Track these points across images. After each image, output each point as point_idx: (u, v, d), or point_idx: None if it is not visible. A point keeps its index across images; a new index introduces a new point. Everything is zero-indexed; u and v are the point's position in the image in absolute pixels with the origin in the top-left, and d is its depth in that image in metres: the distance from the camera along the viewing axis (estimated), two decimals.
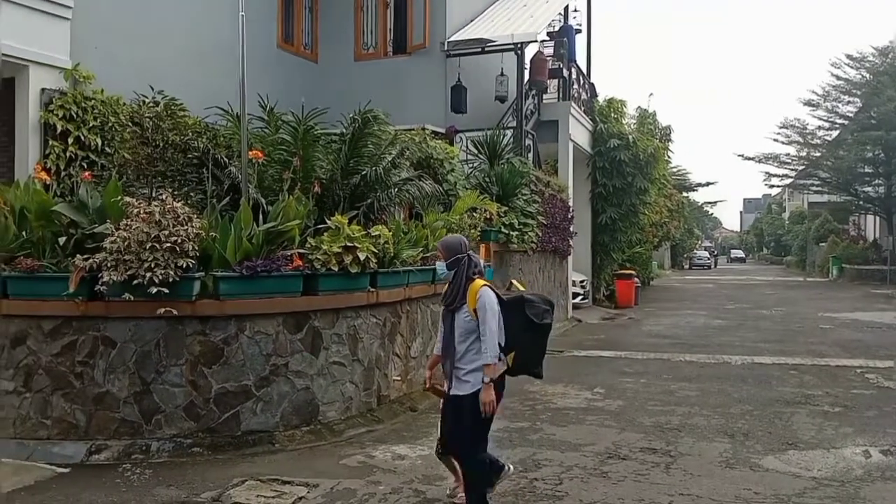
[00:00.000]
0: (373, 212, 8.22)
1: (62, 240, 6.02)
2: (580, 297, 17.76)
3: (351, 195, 8.17)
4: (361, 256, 6.66)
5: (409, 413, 7.25)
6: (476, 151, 12.37)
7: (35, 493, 4.96)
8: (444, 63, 14.19)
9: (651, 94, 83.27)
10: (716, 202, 62.93)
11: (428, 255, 8.24)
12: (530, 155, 14.22)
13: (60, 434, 5.84)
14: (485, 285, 4.28)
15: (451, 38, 14.15)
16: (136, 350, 5.88)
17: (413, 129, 11.00)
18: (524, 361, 4.38)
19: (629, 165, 18.42)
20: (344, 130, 8.35)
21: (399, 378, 7.59)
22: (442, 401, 4.60)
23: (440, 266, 4.49)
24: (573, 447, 6.15)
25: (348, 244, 6.66)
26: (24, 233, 6.23)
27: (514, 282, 4.96)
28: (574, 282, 17.16)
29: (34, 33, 9.12)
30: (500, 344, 4.25)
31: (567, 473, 5.45)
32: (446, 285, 4.47)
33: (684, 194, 33.50)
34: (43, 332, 5.91)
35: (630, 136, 18.65)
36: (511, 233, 10.90)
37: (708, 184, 40.58)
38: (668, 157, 22.70)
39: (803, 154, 37.80)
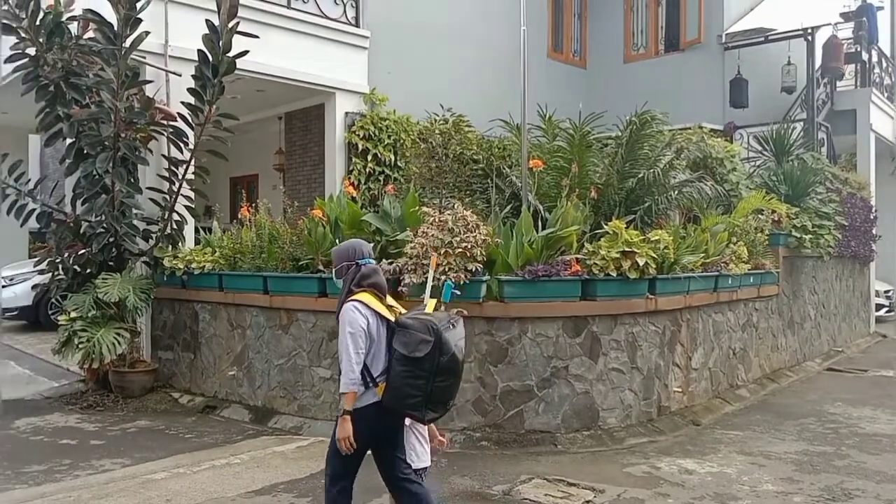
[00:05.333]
0: (649, 216, 8.01)
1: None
2: (885, 310, 15.57)
3: (626, 199, 8.04)
4: (640, 262, 6.52)
5: (692, 427, 6.93)
6: (760, 148, 11.48)
7: None
8: (722, 56, 13.41)
9: None
10: None
11: (709, 261, 7.83)
12: (823, 149, 12.83)
13: None
14: (353, 300, 3.67)
15: (730, 30, 13.32)
16: None
17: (689, 128, 10.53)
18: (395, 397, 3.60)
19: None
20: (619, 133, 8.25)
21: (679, 389, 7.30)
22: None
23: (334, 275, 3.99)
24: (890, 478, 5.41)
25: (626, 249, 6.55)
26: (337, 240, 7.07)
27: (428, 300, 4.11)
28: (878, 291, 15.08)
29: (340, 64, 10.36)
30: (368, 369, 3.63)
31: None
32: None
33: None
34: None
35: None
36: (803, 236, 9.90)
37: None
38: None
39: None
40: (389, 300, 3.85)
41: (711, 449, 6.21)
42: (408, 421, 3.91)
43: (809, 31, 12.82)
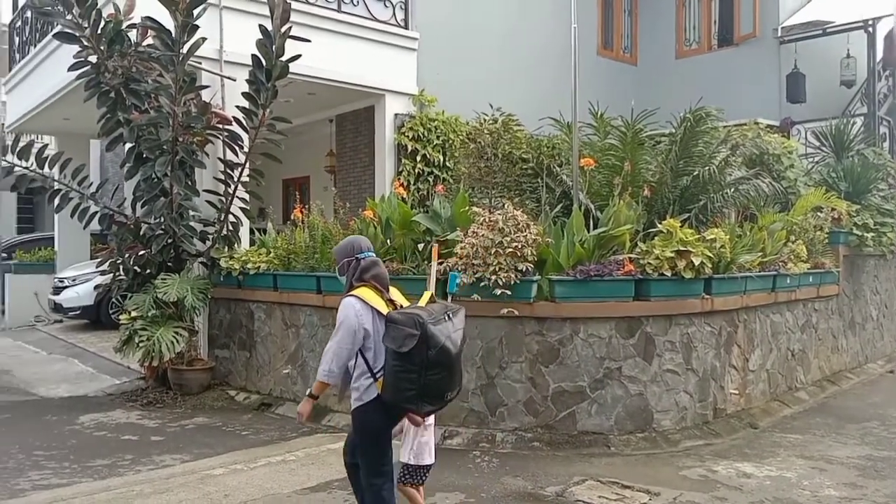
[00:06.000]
0: (704, 214, 7.86)
1: (421, 246, 6.78)
2: None
3: (680, 197, 7.91)
4: (696, 261, 6.40)
5: (750, 430, 6.77)
6: (818, 144, 11.17)
7: None
8: (777, 50, 13.08)
9: None
10: None
11: (766, 260, 7.65)
12: (886, 144, 12.41)
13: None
14: (351, 295, 3.73)
15: (786, 23, 12.98)
16: (482, 346, 6.37)
17: (744, 124, 10.30)
18: (391, 391, 3.64)
19: None
20: (672, 130, 8.12)
21: (736, 392, 7.14)
22: None
23: (337, 272, 4.02)
24: None
25: (681, 248, 6.44)
26: (388, 240, 7.15)
27: (427, 294, 4.11)
28: None
29: (389, 66, 10.45)
30: (370, 364, 3.71)
31: None
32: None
33: None
34: None
35: None
36: (865, 234, 9.57)
37: None
38: None
39: None
40: (393, 294, 3.88)
41: (770, 452, 6.06)
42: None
43: (870, 22, 12.41)
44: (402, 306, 3.82)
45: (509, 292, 6.06)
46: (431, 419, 4.13)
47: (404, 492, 4.15)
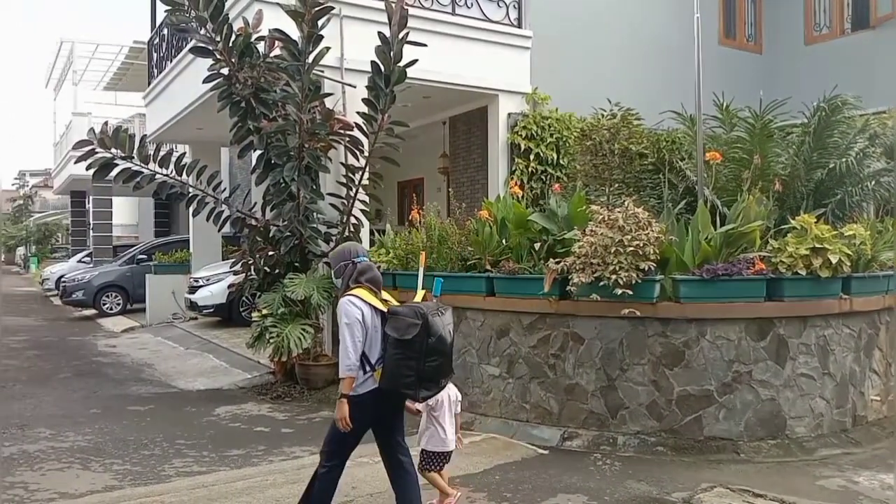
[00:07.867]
0: (841, 209, 7.39)
1: (537, 245, 6.76)
2: None
3: (814, 191, 7.48)
4: (833, 259, 6.03)
5: (894, 439, 6.30)
6: None
7: (523, 468, 5.64)
8: None
9: None
10: None
11: None
12: None
13: (537, 418, 6.55)
14: (348, 294, 4.01)
15: None
16: (602, 347, 6.27)
17: (883, 112, 9.58)
18: (391, 378, 3.92)
19: None
20: (804, 121, 7.68)
21: (878, 398, 6.66)
22: None
23: (334, 274, 4.29)
24: None
25: (817, 246, 6.08)
26: (504, 240, 7.17)
27: (422, 292, 4.54)
28: None
29: (503, 66, 10.47)
30: (367, 357, 3.96)
31: None
32: None
33: None
34: (522, 325, 6.71)
35: None
36: None
37: None
38: None
39: None
40: (384, 295, 4.15)
41: None
42: (425, 406, 4.36)
43: None
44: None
45: (630, 292, 5.92)
46: (446, 407, 4.51)
47: (427, 477, 4.57)
